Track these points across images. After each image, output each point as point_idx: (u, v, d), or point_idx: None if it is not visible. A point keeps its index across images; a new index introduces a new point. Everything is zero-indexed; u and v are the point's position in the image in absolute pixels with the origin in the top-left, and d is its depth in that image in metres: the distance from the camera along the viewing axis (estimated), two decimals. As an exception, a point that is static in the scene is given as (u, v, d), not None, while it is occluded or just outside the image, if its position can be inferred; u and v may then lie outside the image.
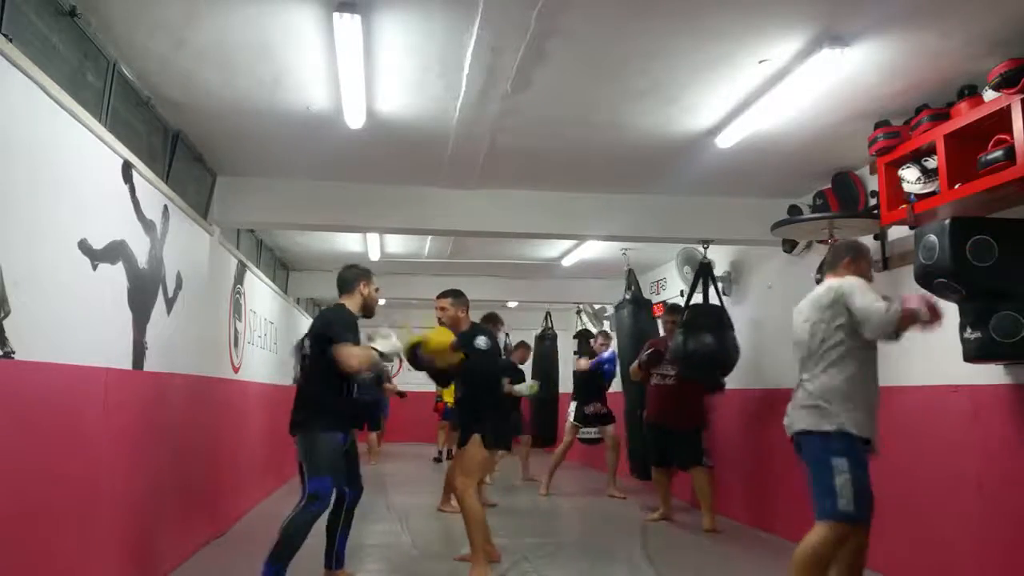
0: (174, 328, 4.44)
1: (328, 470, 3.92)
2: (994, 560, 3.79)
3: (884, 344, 3.39)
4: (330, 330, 4.01)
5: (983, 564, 3.85)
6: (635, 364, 6.65)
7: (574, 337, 9.62)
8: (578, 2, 3.05)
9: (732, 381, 6.36)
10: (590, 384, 8.09)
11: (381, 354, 4.03)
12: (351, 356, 3.90)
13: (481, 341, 4.48)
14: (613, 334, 8.44)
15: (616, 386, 8.04)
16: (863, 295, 3.26)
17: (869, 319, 3.20)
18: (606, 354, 8.19)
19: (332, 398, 4.00)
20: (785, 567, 3.29)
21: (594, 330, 9.91)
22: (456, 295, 4.72)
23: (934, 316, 3.21)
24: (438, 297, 4.75)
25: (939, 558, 4.13)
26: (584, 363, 8.18)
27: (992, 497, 3.83)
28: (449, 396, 10.06)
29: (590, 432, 8.10)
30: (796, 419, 3.41)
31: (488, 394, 4.59)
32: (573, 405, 8.20)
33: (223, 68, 3.68)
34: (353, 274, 4.27)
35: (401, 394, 11.29)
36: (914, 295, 3.36)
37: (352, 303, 4.18)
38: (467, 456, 4.50)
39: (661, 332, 7.10)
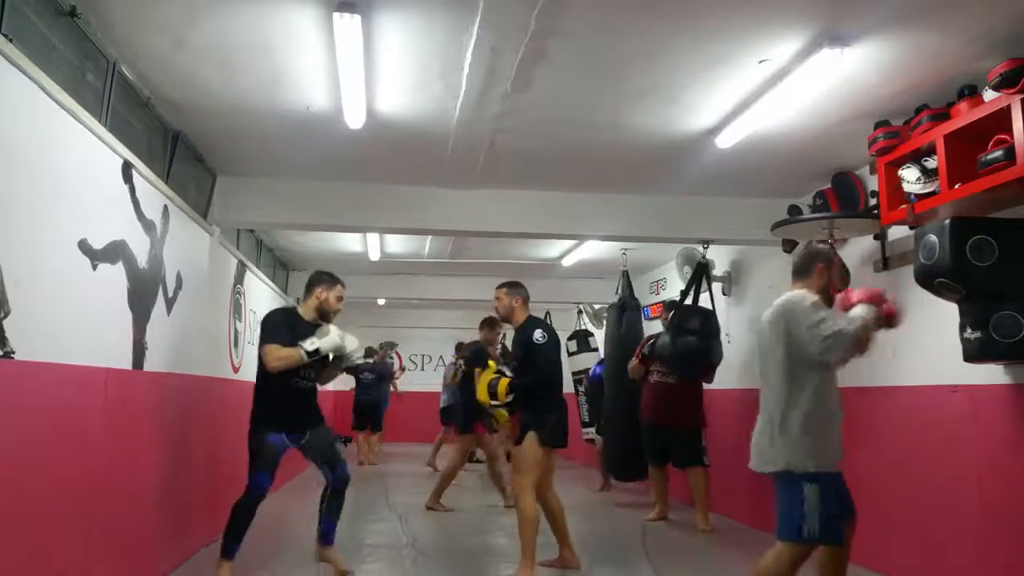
0: (174, 328, 4.44)
1: (261, 467, 4.21)
2: (994, 560, 3.79)
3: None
4: (261, 333, 4.23)
5: (983, 564, 3.85)
6: (634, 360, 6.64)
7: (570, 338, 9.59)
8: (578, 2, 3.05)
9: (732, 380, 6.37)
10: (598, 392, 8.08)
11: (308, 352, 4.11)
12: (269, 356, 4.10)
13: (538, 335, 4.42)
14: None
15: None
16: (807, 322, 3.14)
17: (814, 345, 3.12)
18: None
19: (266, 399, 4.26)
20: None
21: (594, 330, 9.92)
22: (512, 285, 4.68)
23: (888, 314, 3.17)
24: (496, 288, 4.74)
25: (939, 558, 4.13)
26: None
27: (992, 497, 3.83)
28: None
29: (589, 433, 8.13)
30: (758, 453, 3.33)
31: (547, 390, 4.48)
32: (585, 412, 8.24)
33: (223, 68, 3.68)
34: (312, 279, 4.43)
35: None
36: (861, 290, 3.30)
37: (306, 307, 4.36)
38: (522, 454, 4.44)
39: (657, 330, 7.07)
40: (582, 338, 9.23)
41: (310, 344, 4.11)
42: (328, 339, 4.17)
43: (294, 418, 4.28)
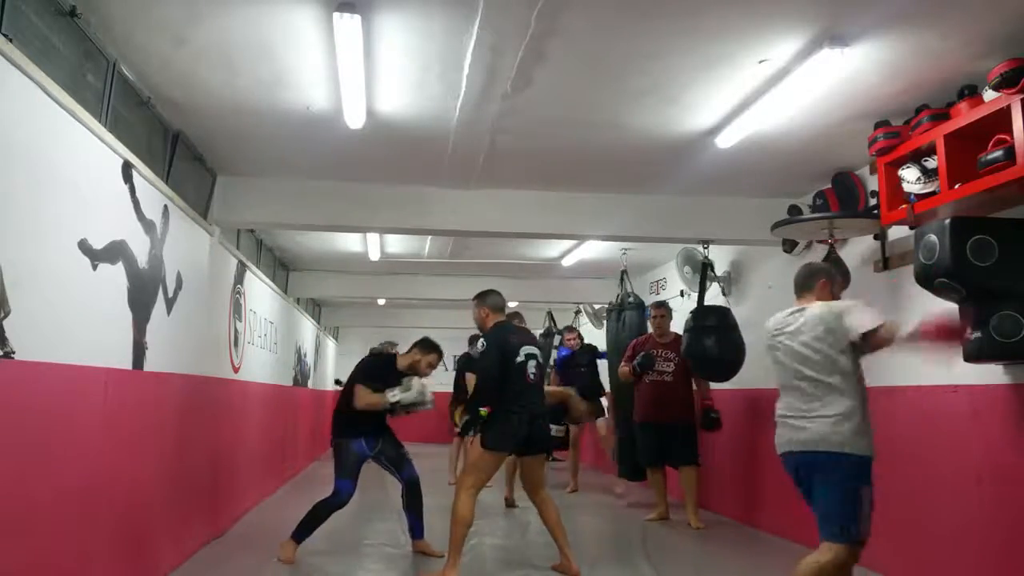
0: (174, 328, 4.44)
1: (345, 474, 4.91)
2: (994, 559, 3.79)
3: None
4: (356, 372, 5.12)
5: (983, 564, 3.85)
6: (625, 367, 6.64)
7: (556, 333, 9.58)
8: (578, 2, 3.05)
9: (728, 380, 6.37)
10: (575, 380, 7.96)
11: (391, 403, 4.93)
12: (359, 396, 4.95)
13: (480, 344, 4.60)
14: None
15: (607, 385, 8.04)
16: (860, 312, 3.27)
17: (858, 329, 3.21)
18: (564, 351, 8.13)
19: (351, 414, 4.99)
20: (778, 564, 3.28)
21: (594, 330, 9.92)
22: (480, 296, 4.83)
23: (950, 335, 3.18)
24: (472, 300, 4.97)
25: (939, 558, 4.13)
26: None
27: (992, 497, 3.83)
28: None
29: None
30: (821, 438, 3.26)
31: (483, 393, 4.53)
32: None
33: (223, 68, 3.68)
34: (417, 342, 5.24)
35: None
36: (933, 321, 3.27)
37: (403, 360, 5.19)
38: (469, 455, 4.63)
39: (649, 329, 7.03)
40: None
41: (392, 396, 4.93)
42: (410, 394, 4.96)
43: (372, 428, 5.01)
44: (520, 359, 4.52)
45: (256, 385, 6.94)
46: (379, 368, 5.11)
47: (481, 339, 4.62)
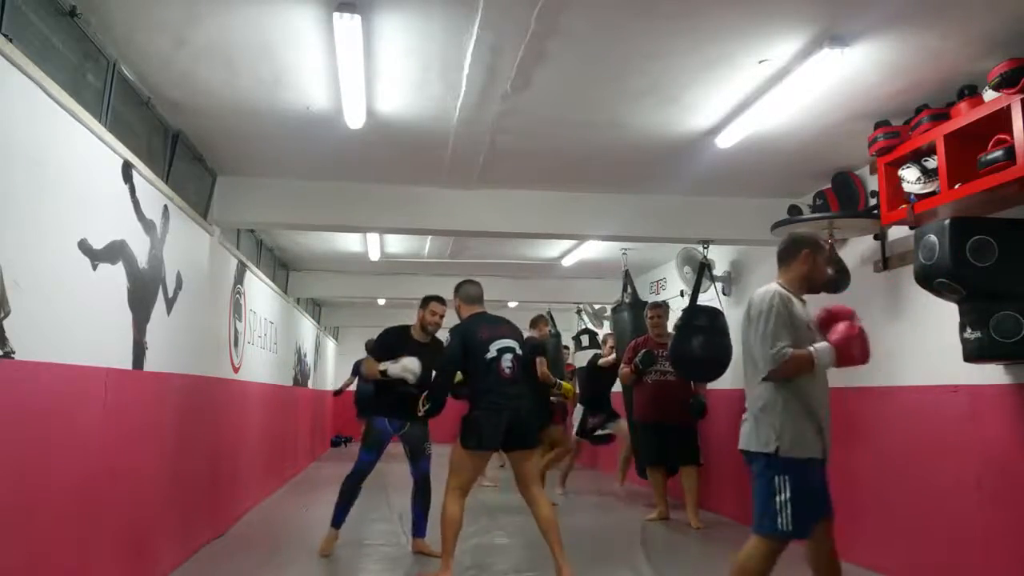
0: (174, 328, 4.44)
1: (367, 446, 5.09)
2: (994, 560, 3.79)
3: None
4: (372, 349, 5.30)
5: (983, 564, 3.85)
6: (626, 368, 6.63)
7: (574, 338, 9.61)
8: (578, 2, 3.05)
9: (727, 381, 6.38)
10: (595, 388, 7.83)
11: (381, 371, 4.97)
12: (364, 367, 5.22)
13: (447, 338, 4.51)
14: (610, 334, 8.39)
15: (616, 386, 8.03)
16: (761, 327, 3.15)
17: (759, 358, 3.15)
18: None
19: (380, 392, 5.18)
20: (778, 564, 3.26)
21: (596, 330, 9.91)
22: (456, 287, 4.74)
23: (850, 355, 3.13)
24: None
25: (939, 558, 4.13)
26: (612, 357, 7.63)
27: (992, 497, 3.83)
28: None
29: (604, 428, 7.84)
30: (745, 437, 3.31)
31: (436, 385, 4.59)
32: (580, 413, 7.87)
33: (223, 68, 3.68)
34: (422, 301, 5.25)
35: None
36: (843, 328, 3.19)
37: (415, 327, 5.23)
38: (451, 455, 4.37)
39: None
40: (581, 338, 9.20)
41: (382, 366, 5.01)
42: (393, 368, 4.98)
43: (396, 409, 5.06)
44: (491, 355, 4.31)
45: (256, 385, 6.94)
46: (387, 341, 5.16)
47: (449, 333, 4.45)
